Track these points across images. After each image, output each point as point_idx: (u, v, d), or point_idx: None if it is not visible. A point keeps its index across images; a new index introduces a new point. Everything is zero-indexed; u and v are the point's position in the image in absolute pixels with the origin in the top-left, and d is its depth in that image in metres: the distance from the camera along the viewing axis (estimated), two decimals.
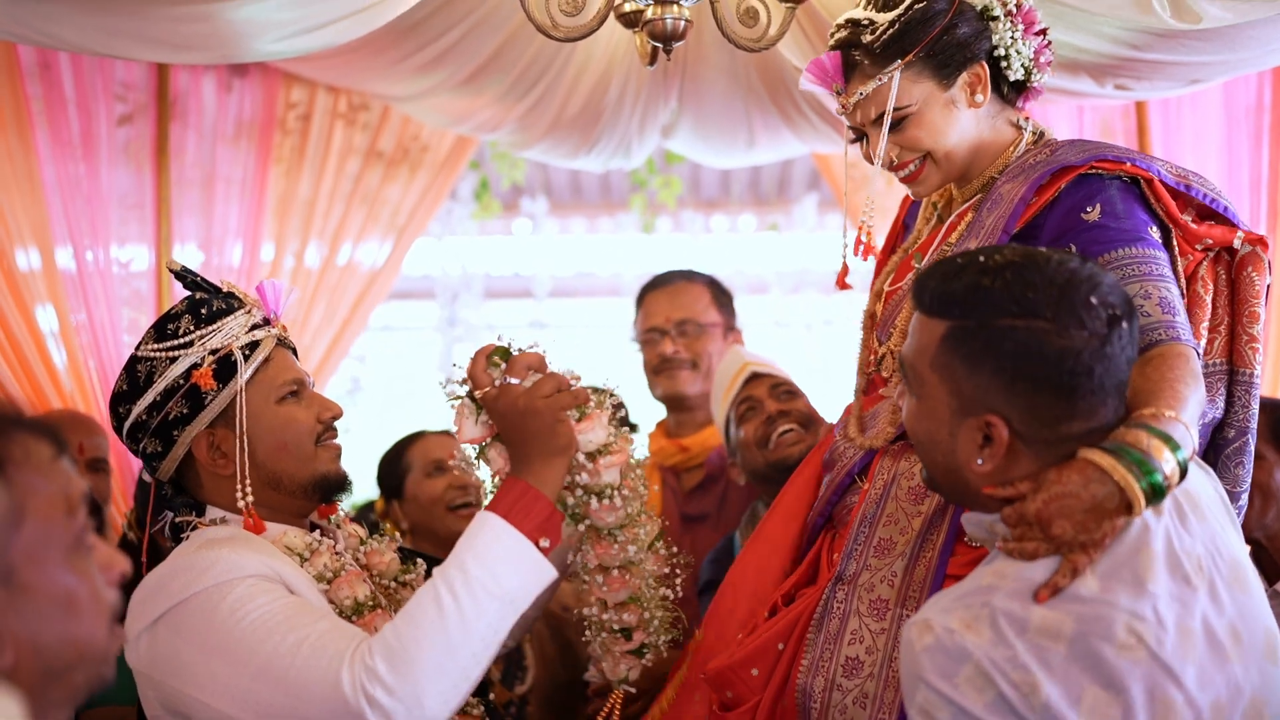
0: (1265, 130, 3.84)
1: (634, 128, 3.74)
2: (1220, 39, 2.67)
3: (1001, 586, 1.49)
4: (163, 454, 1.86)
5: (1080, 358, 1.49)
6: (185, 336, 1.84)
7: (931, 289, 1.58)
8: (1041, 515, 1.50)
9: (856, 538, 2.00)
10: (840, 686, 1.91)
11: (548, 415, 1.76)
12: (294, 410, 1.89)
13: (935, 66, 2.02)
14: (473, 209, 5.11)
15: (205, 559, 1.71)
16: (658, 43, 2.42)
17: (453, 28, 3.11)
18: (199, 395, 1.83)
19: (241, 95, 4.06)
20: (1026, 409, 1.52)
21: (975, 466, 1.55)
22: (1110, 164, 1.95)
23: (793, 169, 5.78)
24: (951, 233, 2.09)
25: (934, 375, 1.56)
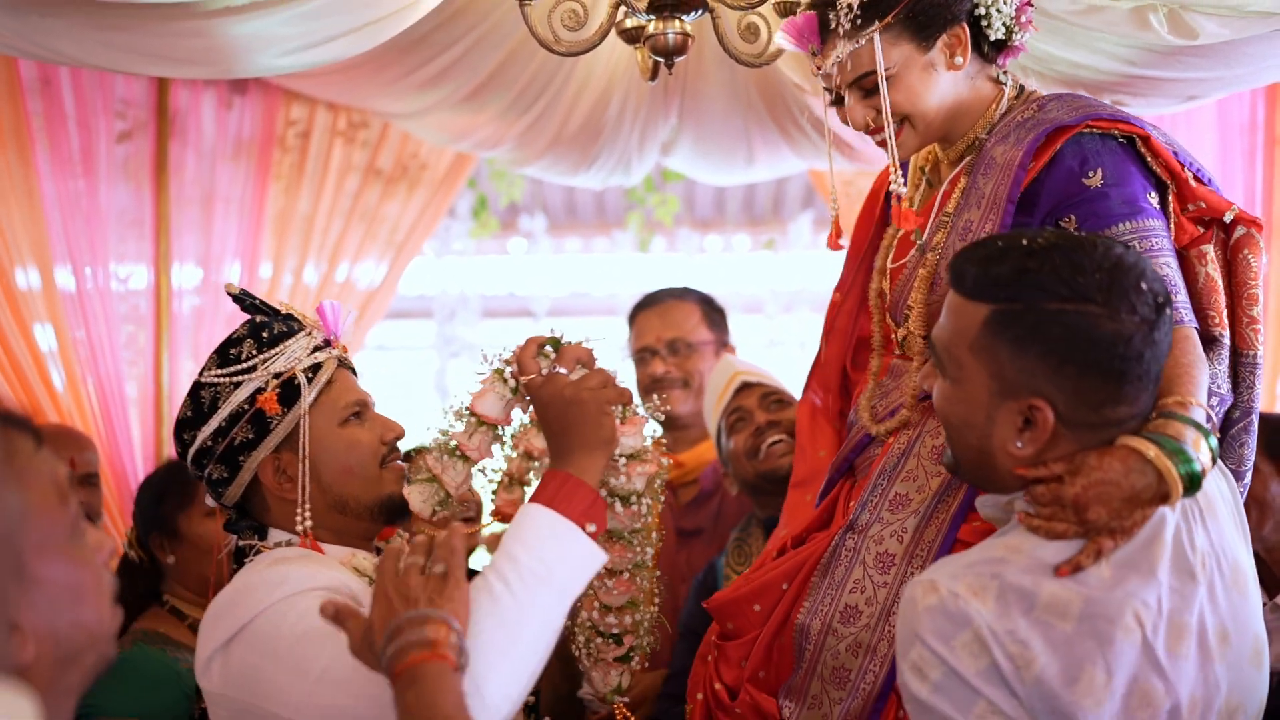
0: (1259, 148, 3.86)
1: (634, 144, 3.76)
2: (1216, 55, 2.69)
3: (1013, 561, 1.50)
4: (229, 480, 1.85)
5: (1131, 342, 1.49)
6: (248, 361, 1.83)
7: (974, 273, 1.56)
8: (1080, 500, 1.50)
9: (874, 489, 2.02)
10: (835, 631, 1.94)
11: (593, 407, 1.73)
12: (358, 432, 1.89)
13: (915, 29, 1.97)
14: (470, 226, 5.12)
15: (276, 574, 1.71)
16: (659, 57, 2.44)
17: (454, 44, 3.13)
18: (264, 420, 1.82)
19: (241, 113, 4.08)
20: (1073, 393, 1.51)
21: (1013, 449, 1.55)
22: (1105, 122, 1.93)
23: (788, 187, 5.80)
24: (947, 201, 2.06)
25: (974, 358, 1.55)
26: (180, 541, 2.72)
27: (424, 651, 1.37)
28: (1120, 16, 2.54)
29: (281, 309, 1.94)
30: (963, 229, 1.99)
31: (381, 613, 1.46)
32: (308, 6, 2.55)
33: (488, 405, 1.86)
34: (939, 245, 2.02)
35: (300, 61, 2.76)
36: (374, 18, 2.64)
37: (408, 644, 1.38)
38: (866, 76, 1.99)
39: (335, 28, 2.64)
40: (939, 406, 1.64)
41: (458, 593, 1.46)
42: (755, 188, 5.78)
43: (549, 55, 3.10)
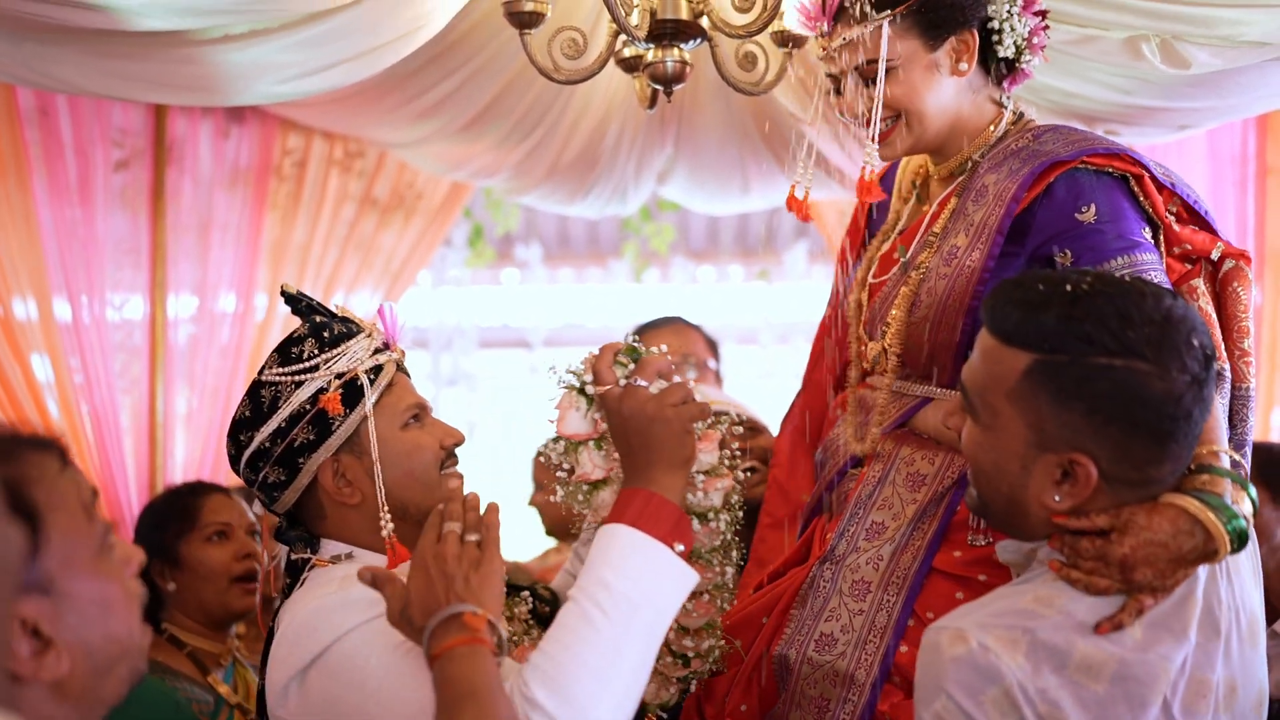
0: (1250, 178, 3.90)
1: (630, 173, 3.77)
2: (1208, 85, 2.72)
3: (1045, 615, 1.46)
4: (286, 483, 1.79)
5: (1181, 402, 1.43)
6: (310, 360, 1.78)
7: (1014, 317, 1.48)
8: (1128, 560, 1.45)
9: (851, 518, 2.00)
10: (811, 660, 1.92)
11: (677, 424, 1.67)
12: (418, 436, 1.83)
13: (925, 25, 1.96)
14: (466, 256, 5.14)
15: (352, 597, 1.63)
16: (658, 85, 2.45)
17: (451, 74, 3.14)
18: (326, 421, 1.77)
19: (238, 141, 4.10)
20: (1117, 451, 1.45)
21: (1050, 502, 1.49)
22: (1101, 158, 1.92)
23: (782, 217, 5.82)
24: (935, 221, 2.04)
25: (1010, 407, 1.48)
26: (181, 569, 2.69)
27: (462, 636, 1.43)
28: (1113, 46, 2.57)
29: (337, 311, 1.89)
30: (948, 253, 1.97)
31: (419, 584, 1.49)
32: (306, 34, 2.57)
33: (572, 425, 1.81)
34: (923, 264, 2.01)
35: (298, 89, 2.77)
36: (372, 45, 2.65)
37: (446, 630, 1.45)
38: (870, 64, 1.97)
39: (333, 55, 2.66)
40: (969, 450, 1.57)
41: (490, 569, 1.50)
42: (749, 218, 5.80)
43: (546, 85, 3.13)
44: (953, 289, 1.93)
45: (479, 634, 1.43)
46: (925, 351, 1.98)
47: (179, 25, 2.46)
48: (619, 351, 1.79)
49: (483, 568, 1.50)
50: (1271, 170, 3.87)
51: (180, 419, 4.02)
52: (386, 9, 2.56)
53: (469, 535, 1.53)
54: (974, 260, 1.92)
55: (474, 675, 1.39)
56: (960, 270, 1.93)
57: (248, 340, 4.16)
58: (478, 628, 1.44)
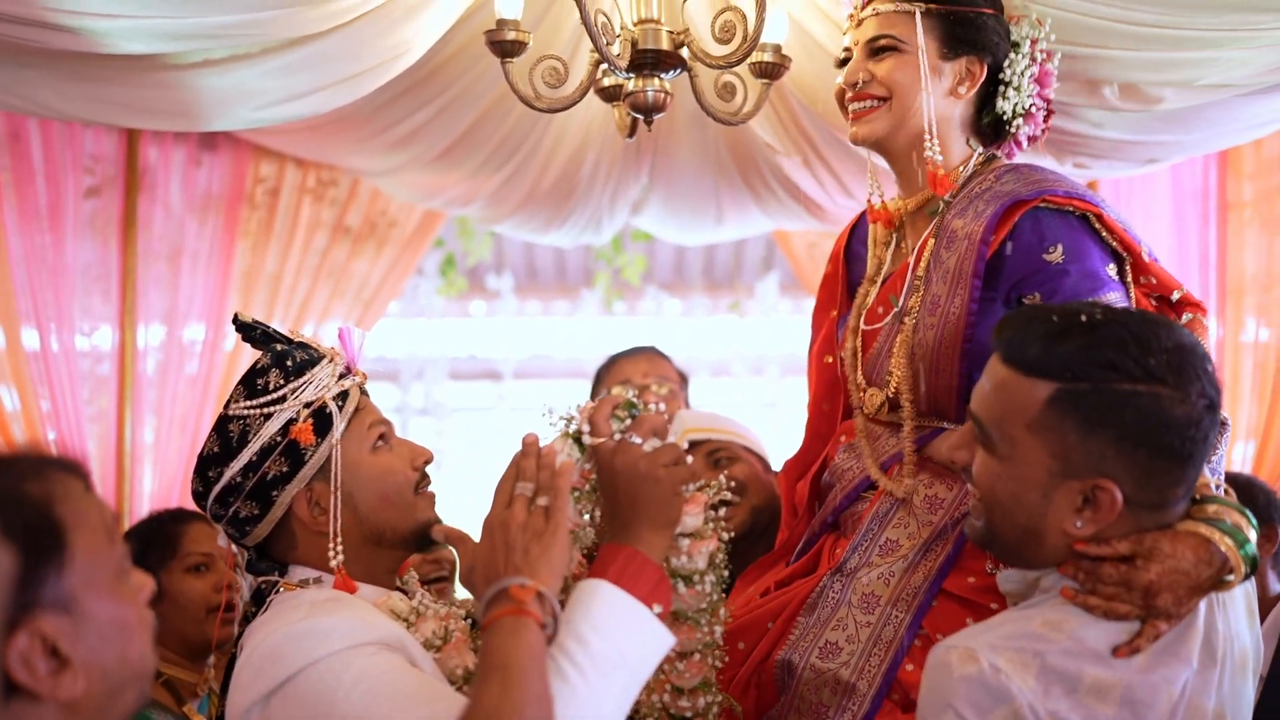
0: (1212, 213, 3.97)
1: (605, 203, 3.79)
2: (1175, 120, 2.78)
3: (1054, 640, 1.47)
4: (259, 516, 1.76)
5: (1200, 425, 1.46)
6: (277, 391, 1.75)
7: (1034, 348, 1.49)
8: (1154, 586, 1.47)
9: (865, 534, 2.02)
10: (814, 667, 1.93)
11: (667, 485, 1.65)
12: (389, 459, 1.82)
13: (946, 34, 2.05)
14: (438, 285, 5.13)
15: (322, 624, 1.60)
16: (639, 114, 2.47)
17: (428, 103, 3.15)
18: (298, 451, 1.74)
19: (210, 169, 4.08)
20: (1142, 475, 1.47)
21: (1071, 529, 1.50)
22: (1060, 199, 1.96)
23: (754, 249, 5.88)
24: (918, 264, 2.08)
25: (1032, 437, 1.49)
26: (160, 598, 2.65)
27: (507, 607, 1.45)
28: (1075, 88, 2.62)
29: (293, 337, 1.87)
30: (932, 303, 2.01)
31: (484, 550, 1.52)
32: (286, 60, 2.58)
33: None
34: (914, 309, 2.04)
35: (278, 115, 2.78)
36: (353, 72, 2.66)
37: (496, 601, 1.46)
38: (883, 39, 2.05)
39: (313, 81, 2.66)
40: (982, 482, 1.57)
41: (553, 540, 1.51)
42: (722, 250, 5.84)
43: (523, 113, 3.15)
44: (942, 338, 1.98)
45: (524, 606, 1.44)
46: (928, 397, 2.02)
47: (159, 49, 2.46)
48: (618, 405, 1.77)
49: (545, 538, 1.51)
50: (1232, 205, 3.94)
51: (148, 449, 3.98)
52: (367, 36, 2.58)
53: (540, 498, 1.54)
54: (956, 308, 1.96)
55: (510, 649, 1.40)
56: (946, 319, 1.98)
57: (217, 370, 4.12)
58: (523, 600, 1.45)
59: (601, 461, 1.70)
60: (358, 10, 2.51)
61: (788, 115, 3.16)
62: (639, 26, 2.44)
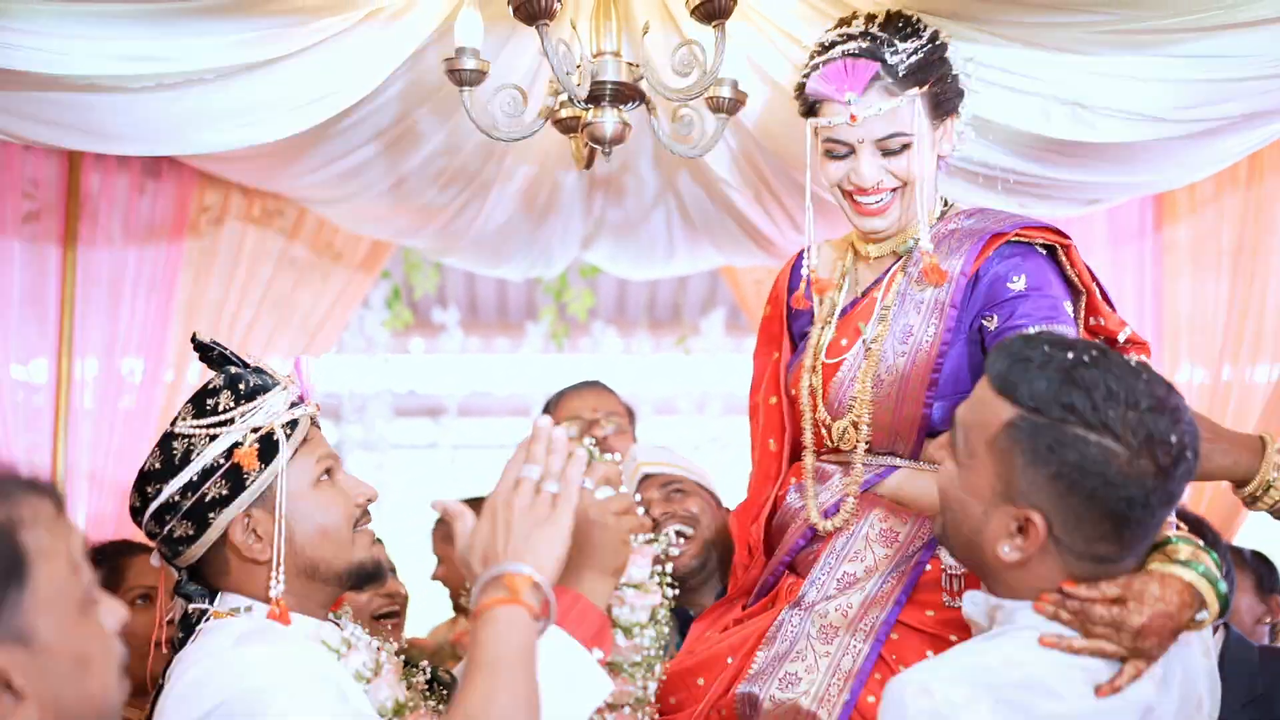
0: (1149, 254, 4.07)
1: (557, 236, 3.79)
2: (1116, 159, 2.85)
3: (1009, 675, 1.48)
4: (193, 538, 1.75)
5: (1143, 489, 1.47)
6: (226, 413, 1.74)
7: (1012, 371, 1.53)
8: (1144, 630, 1.50)
9: (822, 567, 2.05)
10: (774, 698, 1.94)
11: (615, 532, 1.68)
12: (331, 493, 1.81)
13: (934, 105, 2.10)
14: (385, 317, 5.09)
15: (250, 655, 1.59)
16: (597, 145, 2.49)
17: (384, 132, 3.13)
18: (240, 476, 1.73)
19: (154, 196, 4.02)
20: (1071, 519, 1.49)
21: (1000, 553, 1.53)
22: (1033, 230, 2.05)
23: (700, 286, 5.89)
24: (887, 294, 2.13)
25: (987, 453, 1.54)
26: None
27: (499, 596, 1.40)
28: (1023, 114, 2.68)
29: (250, 362, 1.86)
30: (903, 332, 2.06)
31: (484, 531, 1.47)
32: (241, 85, 2.56)
33: None
34: (879, 338, 2.08)
35: (231, 140, 2.74)
36: (310, 98, 2.65)
37: (490, 588, 1.42)
38: (893, 136, 2.06)
39: (268, 108, 2.64)
40: (942, 482, 1.63)
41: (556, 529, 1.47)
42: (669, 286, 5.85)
43: (479, 144, 3.15)
44: (913, 364, 2.02)
45: (519, 596, 1.40)
46: (890, 426, 2.05)
47: (111, 71, 2.42)
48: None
49: (547, 526, 1.46)
50: (1169, 247, 4.05)
51: (84, 478, 3.88)
52: (324, 63, 2.57)
53: (547, 483, 1.49)
54: (930, 336, 2.02)
55: (498, 643, 1.36)
56: (918, 347, 2.03)
57: (156, 401, 4.04)
58: (517, 590, 1.40)
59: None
60: (316, 37, 2.50)
61: (741, 150, 3.19)
62: (598, 58, 2.46)
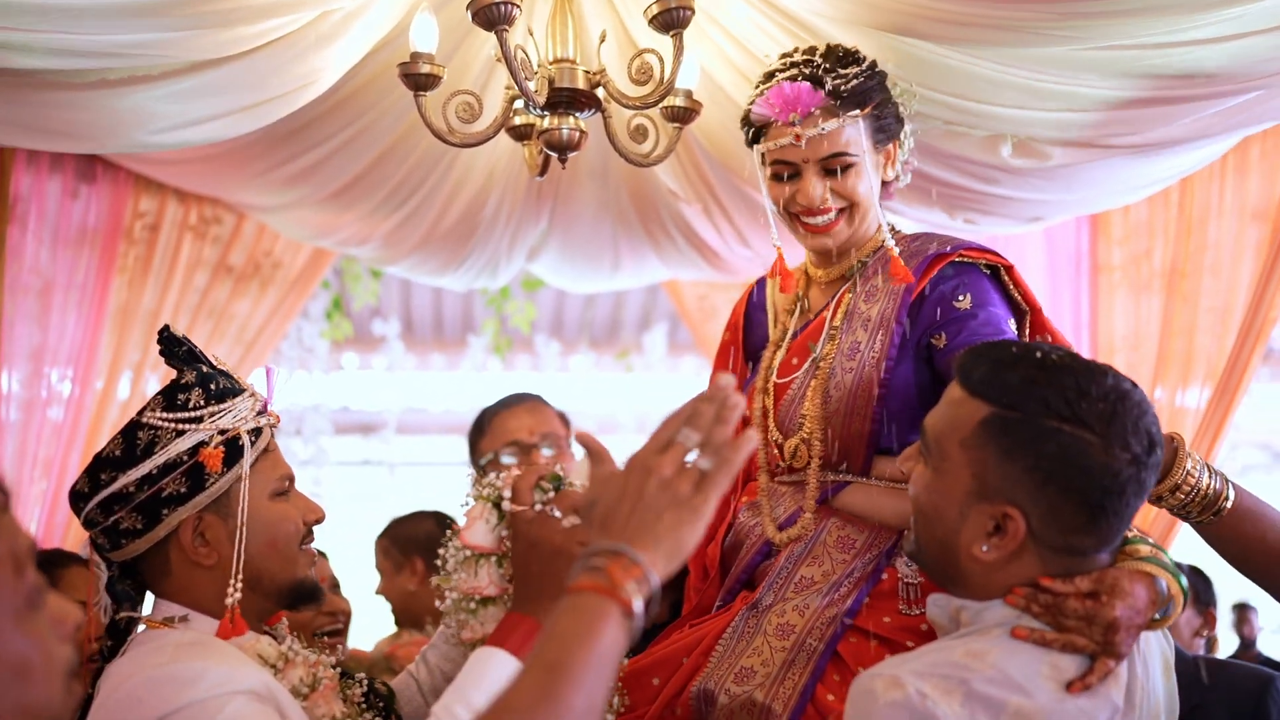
0: (1084, 275, 4.15)
1: (504, 246, 3.76)
2: (1059, 179, 2.91)
3: (977, 669, 1.49)
4: (140, 532, 1.69)
5: (1118, 477, 1.49)
6: (196, 410, 1.71)
7: (982, 371, 1.56)
8: (1118, 624, 1.52)
9: (780, 571, 2.06)
10: (729, 691, 1.93)
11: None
12: (285, 507, 1.78)
13: (875, 129, 2.15)
14: (323, 328, 5.01)
15: (189, 669, 1.53)
16: (554, 152, 2.47)
17: (331, 137, 3.09)
18: (201, 475, 1.70)
19: (87, 201, 3.92)
20: (1048, 512, 1.51)
21: (977, 552, 1.55)
22: (976, 252, 2.10)
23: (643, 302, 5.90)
24: (835, 316, 2.17)
25: (961, 453, 1.55)
26: None
27: (597, 582, 1.21)
28: (974, 144, 2.72)
29: (217, 364, 1.82)
30: (850, 349, 2.09)
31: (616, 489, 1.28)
32: (188, 84, 2.50)
33: (478, 535, 1.77)
34: (828, 356, 2.11)
35: (176, 140, 2.68)
36: (257, 100, 2.60)
37: (592, 564, 1.23)
38: (836, 156, 2.11)
39: (215, 108, 2.59)
40: (915, 490, 1.63)
41: (693, 516, 1.26)
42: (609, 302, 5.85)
43: (427, 151, 3.12)
44: (860, 380, 2.05)
45: (618, 590, 1.19)
46: (841, 441, 2.08)
47: (54, 65, 2.36)
48: (544, 477, 1.78)
49: (684, 510, 1.26)
50: (1102, 268, 4.13)
51: None
52: (275, 64, 2.52)
53: (701, 459, 1.28)
54: (876, 351, 2.06)
55: (573, 643, 1.16)
56: (865, 362, 2.06)
57: (86, 411, 3.93)
58: (620, 582, 1.20)
59: (519, 530, 1.71)
60: (266, 37, 2.45)
61: (690, 162, 3.20)
62: (555, 65, 2.45)
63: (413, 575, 3.45)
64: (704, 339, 4.66)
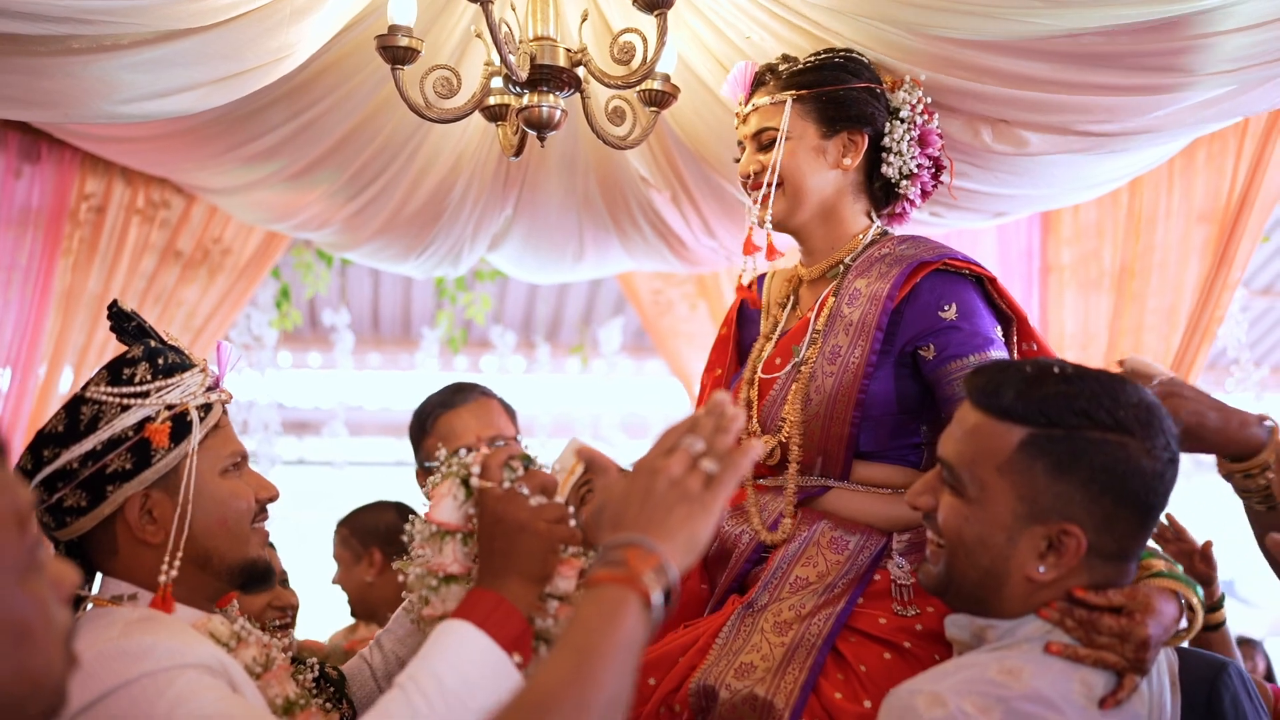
0: (1035, 274, 4.23)
1: (468, 233, 3.72)
2: (1026, 173, 2.94)
3: (1014, 687, 1.49)
4: (84, 510, 1.64)
5: (1163, 479, 1.52)
6: (142, 385, 1.65)
7: (1011, 395, 1.54)
8: (1149, 642, 1.52)
9: (775, 572, 2.06)
10: (729, 686, 1.93)
11: (544, 540, 1.63)
12: (236, 484, 1.74)
13: (821, 114, 2.26)
14: (272, 316, 4.91)
15: (137, 644, 1.48)
16: (533, 130, 2.45)
17: (297, 115, 3.03)
18: (147, 451, 1.64)
19: (31, 181, 3.81)
20: (1104, 521, 1.51)
21: (1033, 573, 1.54)
22: (960, 263, 2.13)
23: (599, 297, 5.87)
24: (818, 319, 2.19)
25: (1000, 480, 1.53)
26: None
27: (617, 572, 1.21)
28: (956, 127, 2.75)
29: (167, 339, 1.78)
30: (831, 353, 2.12)
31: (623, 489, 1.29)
32: (158, 54, 2.44)
33: (445, 512, 1.74)
34: (811, 359, 2.12)
35: (144, 111, 2.61)
36: (229, 73, 2.54)
37: (610, 557, 1.23)
38: (765, 131, 2.27)
39: (185, 80, 2.52)
40: (950, 525, 1.60)
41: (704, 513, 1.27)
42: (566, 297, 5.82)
43: (394, 132, 3.07)
44: (840, 385, 2.07)
45: (637, 578, 1.20)
46: (820, 445, 2.09)
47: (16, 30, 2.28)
48: (514, 456, 1.76)
49: (694, 506, 1.27)
50: (1052, 268, 4.21)
51: None
52: (249, 37, 2.46)
53: (706, 461, 1.30)
54: (857, 357, 2.08)
55: (597, 632, 1.17)
56: (845, 367, 2.08)
57: (28, 397, 3.82)
58: (639, 571, 1.20)
59: (486, 505, 1.69)
60: (240, 8, 2.40)
61: (661, 149, 3.20)
62: (536, 43, 2.43)
63: (370, 566, 3.39)
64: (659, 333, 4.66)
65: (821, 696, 1.88)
